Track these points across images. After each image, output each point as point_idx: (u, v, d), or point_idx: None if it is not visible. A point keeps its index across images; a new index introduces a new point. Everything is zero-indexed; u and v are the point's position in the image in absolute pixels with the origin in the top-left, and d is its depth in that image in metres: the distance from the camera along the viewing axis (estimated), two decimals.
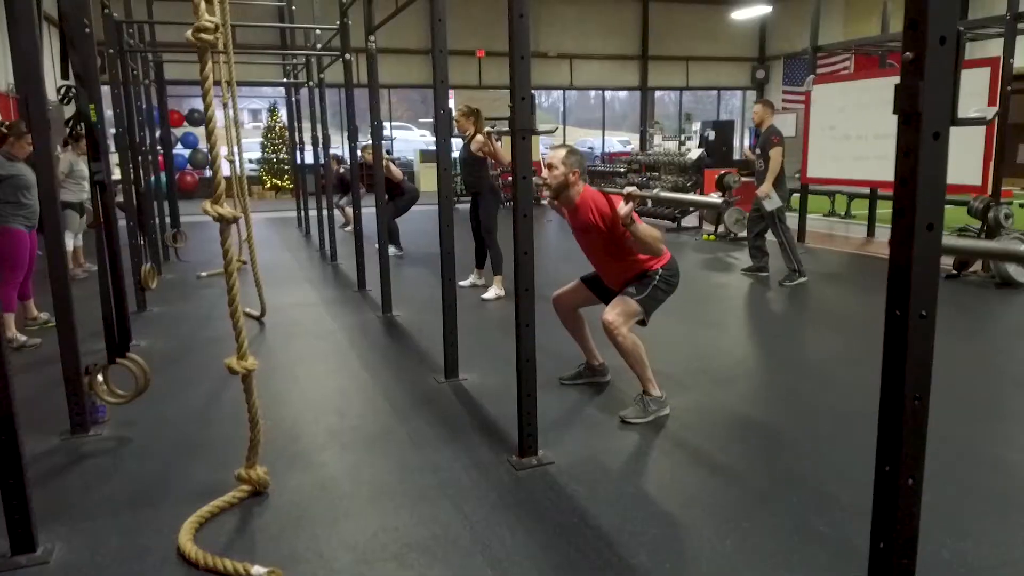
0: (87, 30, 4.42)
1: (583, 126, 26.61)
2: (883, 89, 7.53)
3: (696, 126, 14.80)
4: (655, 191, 2.87)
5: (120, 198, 5.51)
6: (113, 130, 6.36)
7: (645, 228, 3.07)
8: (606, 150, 22.58)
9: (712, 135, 13.63)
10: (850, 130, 7.95)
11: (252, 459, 2.66)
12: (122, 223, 5.73)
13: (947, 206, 1.35)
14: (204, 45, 2.28)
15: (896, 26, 12.35)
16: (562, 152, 3.28)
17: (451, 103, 20.39)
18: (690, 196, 2.72)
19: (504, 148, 6.71)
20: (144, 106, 7.92)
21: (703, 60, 22.24)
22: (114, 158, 5.41)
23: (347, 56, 5.90)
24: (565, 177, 3.26)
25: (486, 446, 3.02)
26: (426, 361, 4.27)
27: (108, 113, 7.12)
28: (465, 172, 6.08)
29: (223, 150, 2.95)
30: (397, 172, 8.00)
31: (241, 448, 2.68)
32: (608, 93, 23.62)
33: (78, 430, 3.26)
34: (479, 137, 5.84)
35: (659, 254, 3.24)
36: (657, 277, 3.30)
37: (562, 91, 21.88)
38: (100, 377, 3.35)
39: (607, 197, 3.25)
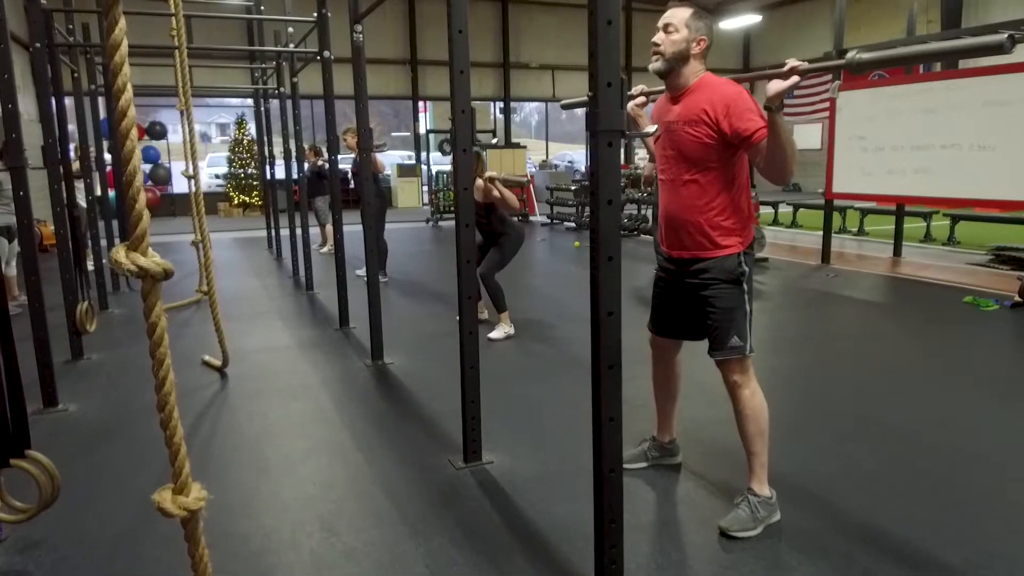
0: None
1: (556, 139, 25.91)
2: (920, 95, 6.82)
3: None
4: (850, 53, 1.84)
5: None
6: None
7: (787, 128, 2.12)
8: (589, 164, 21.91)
9: None
10: (883, 141, 7.22)
11: None
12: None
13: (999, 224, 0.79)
14: None
15: (920, 29, 11.81)
16: (686, 11, 2.30)
17: (426, 116, 19.38)
18: (960, 42, 1.55)
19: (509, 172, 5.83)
20: (87, 115, 6.91)
21: None
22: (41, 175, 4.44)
23: (326, 54, 4.99)
24: (687, 45, 2.29)
25: None
26: (435, 433, 3.35)
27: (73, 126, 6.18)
28: (478, 221, 5.16)
29: (143, 168, 2.10)
30: (380, 163, 7.55)
31: None
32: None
33: None
34: (479, 183, 4.94)
35: (787, 178, 2.22)
36: (744, 273, 2.36)
37: (545, 103, 21.13)
38: None
39: (742, 88, 2.29)
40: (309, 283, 7.15)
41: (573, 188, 13.14)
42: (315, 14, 5.08)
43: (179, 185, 16.22)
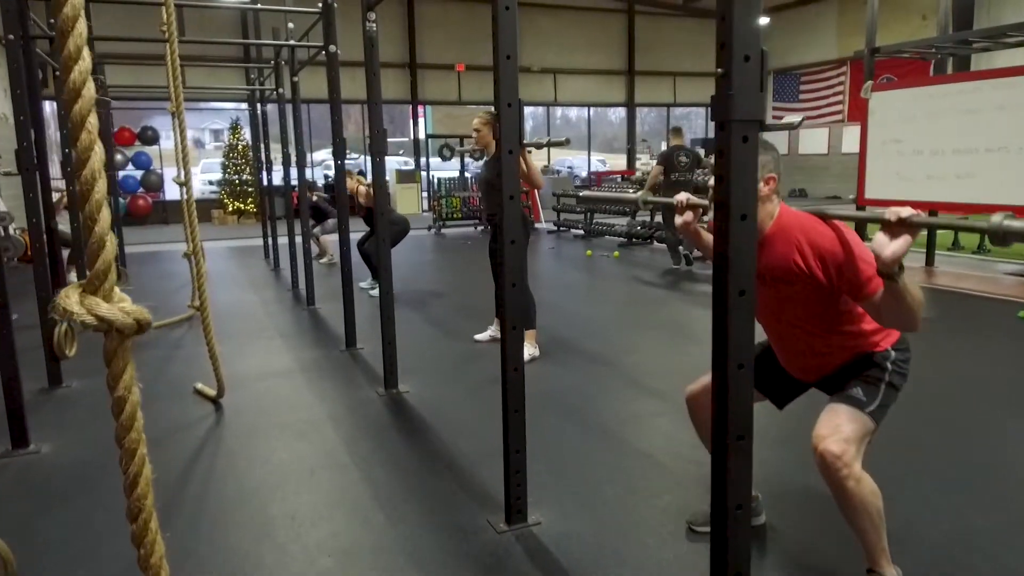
0: None
1: (552, 145, 25.54)
2: (963, 95, 6.40)
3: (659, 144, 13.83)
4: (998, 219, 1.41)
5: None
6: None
7: (914, 285, 1.70)
8: (588, 170, 21.55)
9: (703, 152, 12.61)
10: (922, 144, 6.80)
11: None
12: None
13: None
14: None
15: (929, 31, 11.52)
16: None
17: (425, 121, 18.92)
18: None
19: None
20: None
21: (690, 76, 21.27)
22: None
23: (332, 48, 4.53)
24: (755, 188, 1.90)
25: None
26: (467, 483, 2.87)
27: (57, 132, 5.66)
28: (489, 196, 4.75)
29: (100, 182, 1.66)
30: (366, 193, 6.93)
31: None
32: (573, 111, 22.58)
33: None
34: None
35: (916, 330, 1.81)
36: (889, 363, 1.98)
37: (546, 108, 20.69)
38: None
39: (835, 227, 1.87)
40: (310, 297, 6.66)
41: (580, 194, 12.71)
42: (319, 4, 4.61)
43: (171, 192, 15.72)
